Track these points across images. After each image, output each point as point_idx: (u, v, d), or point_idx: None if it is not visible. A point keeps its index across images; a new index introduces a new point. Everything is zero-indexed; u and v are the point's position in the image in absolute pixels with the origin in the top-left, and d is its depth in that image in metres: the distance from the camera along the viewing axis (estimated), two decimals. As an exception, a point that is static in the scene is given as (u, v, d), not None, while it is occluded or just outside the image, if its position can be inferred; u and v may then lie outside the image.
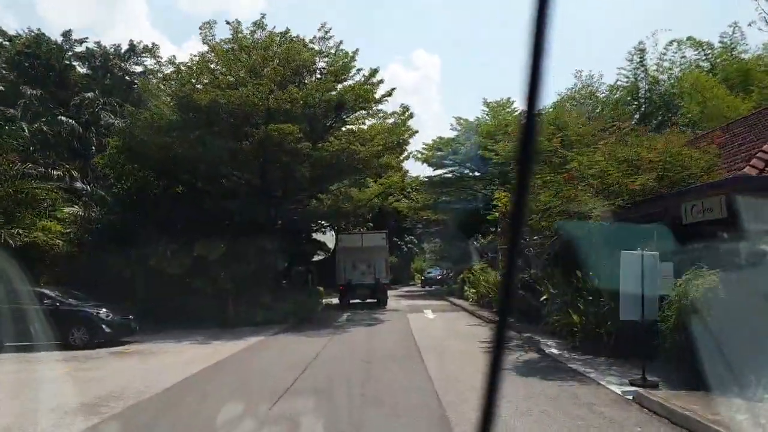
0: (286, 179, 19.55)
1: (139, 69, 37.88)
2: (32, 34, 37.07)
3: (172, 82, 18.22)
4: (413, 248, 55.97)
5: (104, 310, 14.56)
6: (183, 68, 18.84)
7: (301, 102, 18.02)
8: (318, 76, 20.34)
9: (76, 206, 20.40)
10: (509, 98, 34.10)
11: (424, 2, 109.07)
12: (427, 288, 45.94)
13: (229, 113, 17.83)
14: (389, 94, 21.68)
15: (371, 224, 34.90)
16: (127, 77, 37.90)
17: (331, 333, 16.09)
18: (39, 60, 36.61)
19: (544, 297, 12.90)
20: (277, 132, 17.00)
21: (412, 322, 18.74)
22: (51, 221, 20.16)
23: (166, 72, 18.68)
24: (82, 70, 38.22)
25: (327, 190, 23.59)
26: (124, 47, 38.46)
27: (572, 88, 31.25)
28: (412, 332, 15.42)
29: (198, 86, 18.23)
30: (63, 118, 30.76)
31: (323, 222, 26.68)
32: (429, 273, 49.69)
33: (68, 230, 19.78)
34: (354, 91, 19.43)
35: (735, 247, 7.69)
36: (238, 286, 19.62)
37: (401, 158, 23.18)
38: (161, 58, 18.12)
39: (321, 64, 20.50)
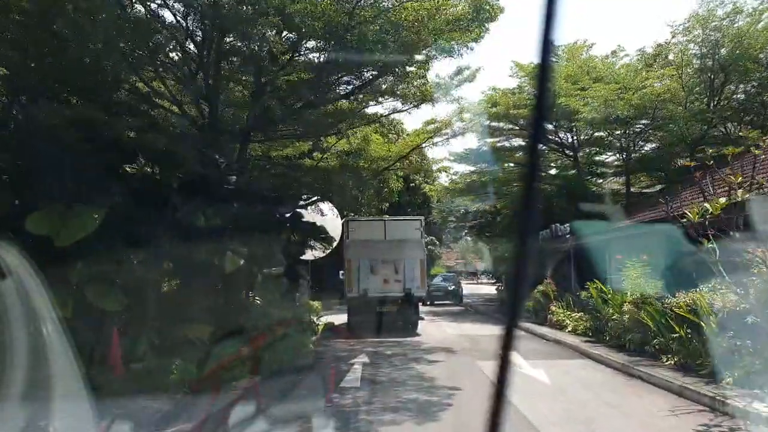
0: (238, 75, 9.12)
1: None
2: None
3: None
4: (434, 249, 45.43)
5: None
6: None
7: None
8: None
9: None
10: (586, 40, 26.12)
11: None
12: (429, 304, 29.71)
13: None
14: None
15: (387, 216, 24.80)
16: None
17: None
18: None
19: None
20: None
21: (517, 398, 8.31)
22: None
23: None
24: None
25: (326, 135, 13.19)
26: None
27: (693, 14, 21.74)
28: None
29: None
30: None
31: (319, 196, 15.95)
32: (432, 283, 31.73)
33: None
34: None
35: None
36: (135, 306, 9.39)
37: (470, 75, 13.12)
38: None
39: None
